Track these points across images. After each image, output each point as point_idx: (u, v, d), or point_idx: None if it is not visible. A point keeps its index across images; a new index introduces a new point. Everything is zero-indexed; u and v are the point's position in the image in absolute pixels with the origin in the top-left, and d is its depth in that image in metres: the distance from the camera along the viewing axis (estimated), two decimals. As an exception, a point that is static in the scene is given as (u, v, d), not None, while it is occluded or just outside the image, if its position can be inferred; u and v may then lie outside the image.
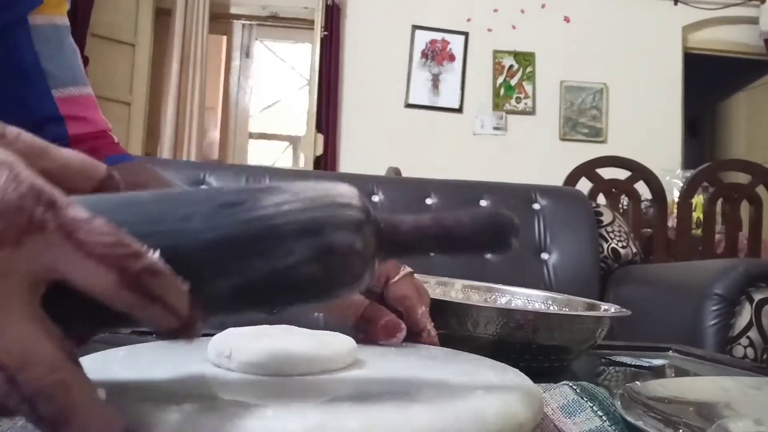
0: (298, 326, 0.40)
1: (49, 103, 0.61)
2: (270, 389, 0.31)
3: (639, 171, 2.32)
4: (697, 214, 2.77)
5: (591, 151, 3.06)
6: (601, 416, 0.37)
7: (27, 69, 0.60)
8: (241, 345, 0.34)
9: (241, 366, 0.33)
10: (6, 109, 0.61)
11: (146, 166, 0.65)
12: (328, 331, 0.40)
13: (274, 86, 4.65)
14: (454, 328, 0.59)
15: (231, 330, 0.37)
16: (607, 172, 2.35)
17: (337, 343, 0.36)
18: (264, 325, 0.39)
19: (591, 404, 0.38)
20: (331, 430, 0.25)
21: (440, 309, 0.59)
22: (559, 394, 0.39)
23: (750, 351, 1.13)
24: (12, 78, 0.59)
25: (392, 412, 0.27)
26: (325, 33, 4.11)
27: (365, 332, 0.48)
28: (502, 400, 0.30)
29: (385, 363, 0.39)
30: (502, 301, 0.81)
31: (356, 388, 0.32)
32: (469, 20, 4.30)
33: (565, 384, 0.41)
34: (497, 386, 0.33)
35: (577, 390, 0.40)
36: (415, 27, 4.28)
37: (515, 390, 0.32)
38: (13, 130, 0.24)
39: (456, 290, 0.83)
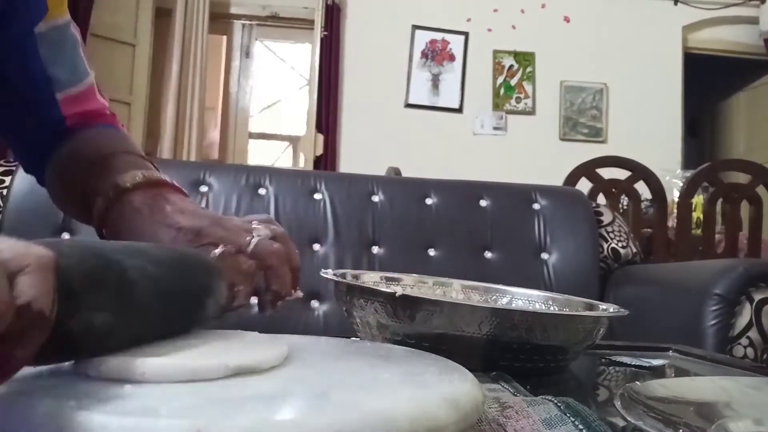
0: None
1: (54, 108, 0.63)
2: (176, 391, 0.29)
3: (639, 171, 2.32)
4: (697, 214, 2.77)
5: (591, 151, 3.06)
6: (582, 430, 0.37)
7: (36, 78, 0.61)
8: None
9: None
10: (13, 114, 0.64)
11: (116, 134, 0.65)
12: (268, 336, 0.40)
13: (274, 86, 4.65)
14: (447, 327, 0.58)
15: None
16: (607, 172, 2.35)
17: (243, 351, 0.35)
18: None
19: (573, 419, 0.38)
20: (219, 429, 0.24)
21: (434, 309, 0.59)
22: (543, 410, 0.39)
23: (750, 351, 1.13)
24: (21, 87, 0.61)
25: (292, 411, 0.27)
26: (325, 33, 4.11)
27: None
28: (422, 402, 0.29)
29: (326, 363, 0.38)
30: (502, 302, 0.81)
31: (271, 387, 0.31)
32: (469, 20, 4.30)
33: (550, 400, 0.41)
34: (429, 388, 0.32)
35: (561, 407, 0.40)
36: (415, 27, 4.28)
37: (447, 392, 0.31)
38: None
39: (455, 290, 0.83)
